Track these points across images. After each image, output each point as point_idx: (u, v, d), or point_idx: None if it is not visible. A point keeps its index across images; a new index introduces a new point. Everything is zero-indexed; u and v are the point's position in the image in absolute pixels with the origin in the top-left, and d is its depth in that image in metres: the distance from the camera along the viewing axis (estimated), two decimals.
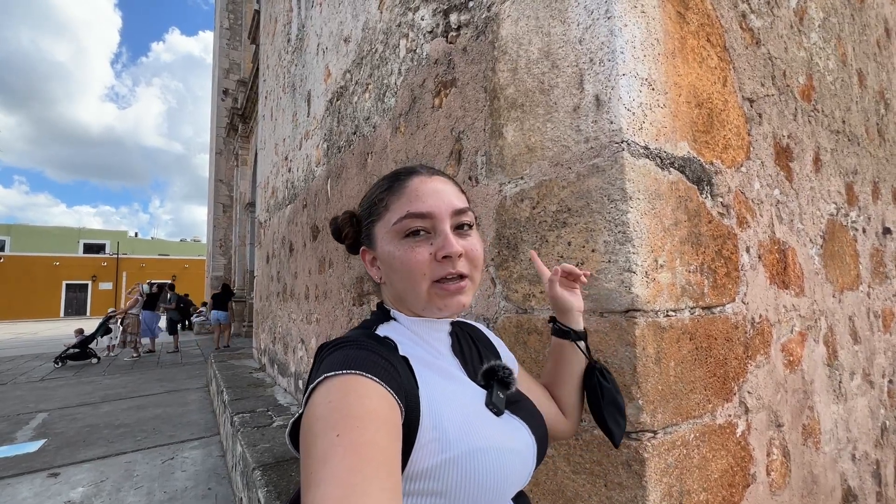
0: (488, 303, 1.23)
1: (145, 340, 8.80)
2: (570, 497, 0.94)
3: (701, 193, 1.02)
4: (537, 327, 1.06)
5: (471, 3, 1.37)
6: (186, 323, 13.78)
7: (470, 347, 0.63)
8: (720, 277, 1.03)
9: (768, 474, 1.08)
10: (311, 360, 2.54)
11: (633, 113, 0.89)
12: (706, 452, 0.93)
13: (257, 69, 9.41)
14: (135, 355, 8.19)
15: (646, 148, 0.90)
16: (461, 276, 0.55)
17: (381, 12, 2.01)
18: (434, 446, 0.45)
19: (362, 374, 0.42)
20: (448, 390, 0.51)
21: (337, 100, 2.57)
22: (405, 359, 0.50)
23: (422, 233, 0.54)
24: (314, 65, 3.08)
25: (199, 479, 2.80)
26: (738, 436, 1.01)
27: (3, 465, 3.09)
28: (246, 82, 11.31)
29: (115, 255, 27.51)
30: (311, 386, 0.43)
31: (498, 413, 0.53)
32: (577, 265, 0.94)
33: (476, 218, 0.61)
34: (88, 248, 29.75)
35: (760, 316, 1.14)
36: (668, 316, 0.89)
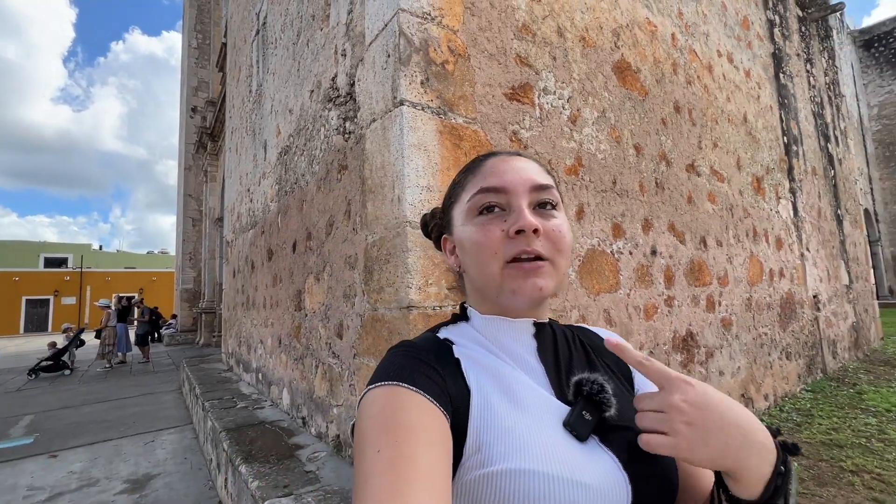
0: (362, 305, 2.06)
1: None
2: None
3: None
4: (382, 318, 1.89)
5: (356, 119, 2.21)
6: (156, 335, 14.07)
7: (570, 354, 0.56)
8: None
9: None
10: (269, 357, 3.36)
11: (414, 206, 1.74)
12: None
13: (225, 94, 10.06)
14: (107, 366, 8.62)
15: None
16: (539, 259, 0.50)
17: (312, 101, 2.83)
18: (476, 459, 0.43)
19: (401, 385, 0.43)
20: (503, 400, 0.47)
21: (284, 154, 3.37)
22: (458, 361, 0.49)
23: (496, 209, 0.52)
24: (269, 120, 3.86)
25: (177, 453, 3.50)
26: None
27: (5, 454, 3.69)
28: (215, 103, 11.85)
29: (79, 269, 27.04)
30: (361, 396, 0.45)
31: (578, 437, 0.46)
32: (388, 285, 1.78)
33: (561, 196, 0.56)
34: (49, 263, 29.04)
35: None
36: (434, 310, 1.73)
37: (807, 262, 4.88)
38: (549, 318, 0.59)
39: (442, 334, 0.56)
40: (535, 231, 0.49)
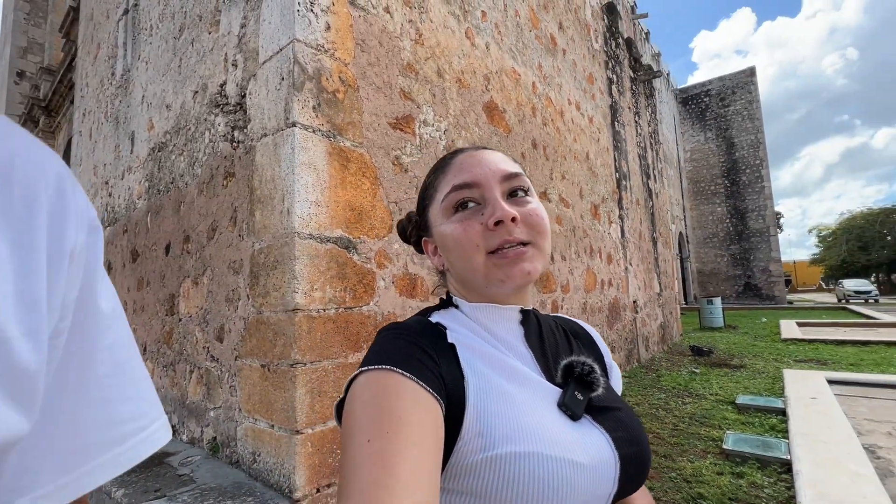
0: (246, 309, 2.16)
1: None
2: (269, 399, 1.93)
3: (349, 252, 2.12)
4: (267, 321, 2.02)
5: (245, 129, 2.30)
6: None
7: (556, 341, 0.59)
8: (360, 293, 2.15)
9: None
10: None
11: (303, 219, 1.93)
12: (339, 374, 2.00)
13: (70, 63, 8.59)
14: None
15: (310, 234, 1.95)
16: (522, 244, 0.51)
17: (195, 102, 2.79)
18: (477, 442, 0.43)
19: (395, 371, 0.43)
20: (500, 384, 0.48)
21: (159, 151, 3.20)
22: (452, 346, 0.49)
23: (471, 204, 0.53)
24: (139, 112, 3.59)
25: None
26: None
27: None
28: (54, 72, 10.03)
29: None
30: (351, 377, 0.45)
31: (573, 417, 0.48)
32: (274, 290, 1.94)
33: (530, 180, 0.58)
34: None
35: (390, 312, 2.30)
36: (318, 312, 1.94)
37: (629, 274, 6.13)
38: (532, 308, 0.61)
39: (434, 318, 0.55)
40: (514, 220, 0.50)
